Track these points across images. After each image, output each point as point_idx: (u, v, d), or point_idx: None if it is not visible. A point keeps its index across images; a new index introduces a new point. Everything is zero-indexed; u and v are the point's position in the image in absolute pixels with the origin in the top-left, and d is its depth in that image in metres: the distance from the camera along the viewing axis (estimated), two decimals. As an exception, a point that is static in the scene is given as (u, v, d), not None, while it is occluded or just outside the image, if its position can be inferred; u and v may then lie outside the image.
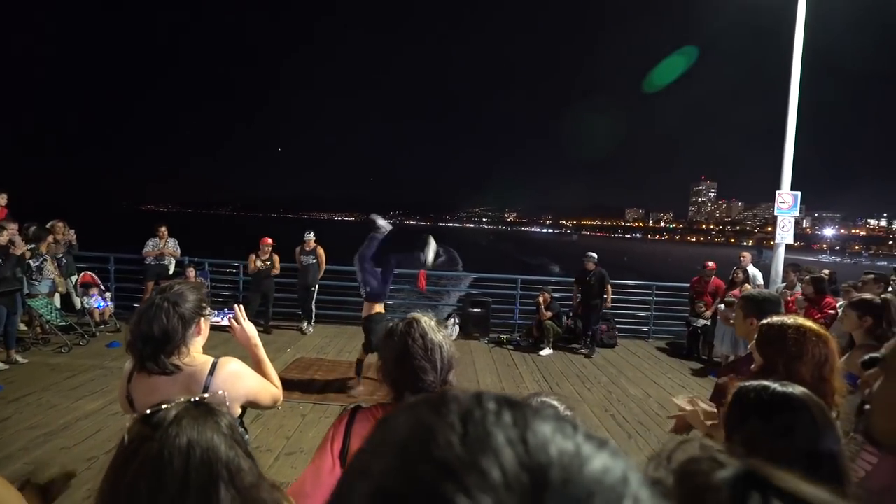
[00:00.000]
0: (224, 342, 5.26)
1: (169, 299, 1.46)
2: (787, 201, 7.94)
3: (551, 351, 7.05)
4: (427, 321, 1.29)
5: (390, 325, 1.33)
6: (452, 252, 5.19)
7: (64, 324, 6.17)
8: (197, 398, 0.89)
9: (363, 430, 1.21)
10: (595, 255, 7.30)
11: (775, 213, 8.02)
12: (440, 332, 1.29)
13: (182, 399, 0.87)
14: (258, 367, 1.72)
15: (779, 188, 8.10)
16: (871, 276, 5.32)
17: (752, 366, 1.62)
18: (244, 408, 1.58)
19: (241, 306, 1.78)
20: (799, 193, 7.95)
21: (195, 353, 1.52)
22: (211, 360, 1.52)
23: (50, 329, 6.08)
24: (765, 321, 1.59)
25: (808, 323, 1.52)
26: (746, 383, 1.17)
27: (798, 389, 0.99)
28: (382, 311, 4.94)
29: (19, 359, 5.39)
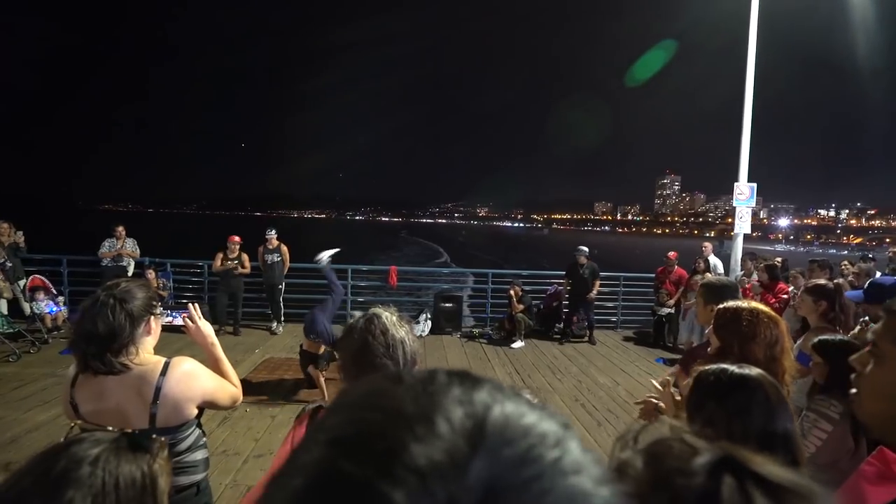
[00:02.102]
0: (189, 345, 5.10)
1: (115, 296, 1.38)
2: (744, 193, 8.26)
3: (523, 343, 7.12)
4: (388, 316, 1.25)
5: (350, 322, 1.28)
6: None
7: (11, 331, 5.82)
8: (122, 431, 0.85)
9: None
10: (586, 249, 7.46)
11: (734, 205, 8.35)
12: (402, 326, 1.25)
13: (104, 432, 0.83)
14: (216, 366, 1.65)
15: (737, 180, 8.44)
16: (816, 263, 5.63)
17: (710, 349, 1.67)
18: (201, 409, 1.52)
19: (197, 305, 1.71)
20: (755, 185, 8.28)
21: (146, 354, 1.45)
22: (163, 360, 1.44)
23: (-5, 337, 5.72)
24: (721, 306, 1.63)
25: (761, 306, 1.57)
26: (706, 367, 1.20)
27: (754, 371, 1.01)
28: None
29: (-38, 369, 5.06)
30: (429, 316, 7.65)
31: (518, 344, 7.06)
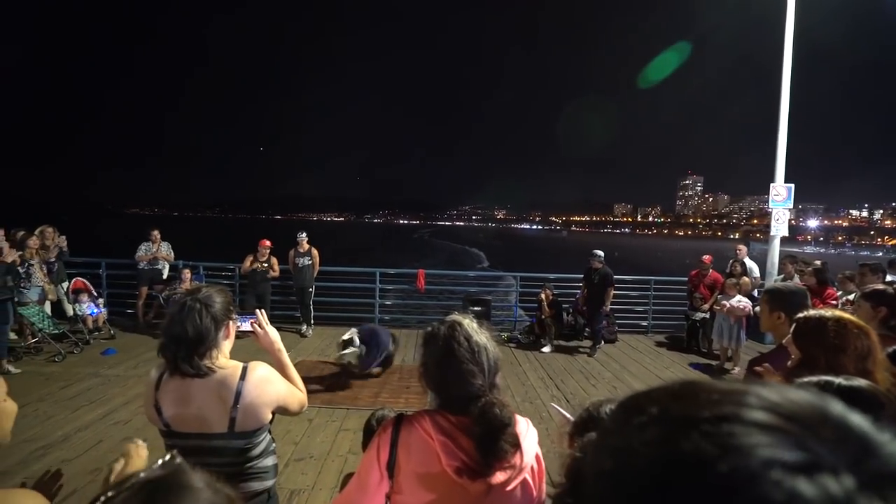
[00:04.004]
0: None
1: (200, 300, 1.42)
2: (781, 194, 8.03)
3: (553, 348, 7.04)
4: (469, 323, 1.25)
5: (430, 329, 1.28)
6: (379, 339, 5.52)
7: (57, 332, 6.02)
8: (161, 462, 0.64)
9: (411, 439, 1.15)
10: (601, 254, 7.08)
11: (770, 206, 8.12)
12: (483, 332, 1.25)
13: (149, 470, 0.62)
14: (282, 371, 1.66)
15: (772, 181, 8.21)
16: (868, 266, 5.36)
17: (790, 361, 1.60)
18: (273, 413, 1.53)
19: (263, 311, 1.73)
20: (792, 186, 8.04)
21: (224, 358, 1.47)
22: (241, 364, 1.47)
23: (42, 337, 5.92)
24: (801, 315, 1.57)
25: (847, 315, 1.50)
26: (805, 379, 1.15)
27: (863, 382, 0.97)
28: None
29: (11, 369, 5.24)
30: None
31: (548, 348, 6.99)
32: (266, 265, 7.22)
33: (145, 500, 0.58)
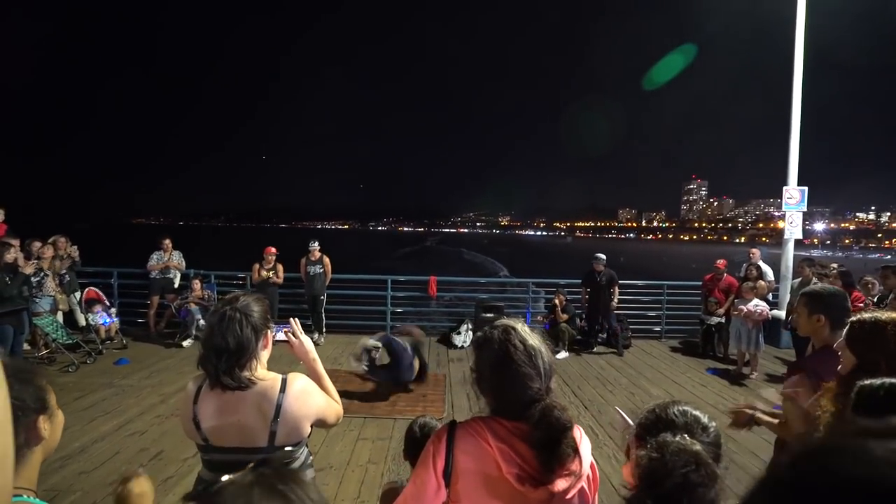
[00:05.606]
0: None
1: (240, 310, 1.38)
2: (794, 197, 7.97)
3: (567, 354, 6.97)
4: (522, 327, 1.23)
5: (482, 333, 1.25)
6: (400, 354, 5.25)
7: (70, 342, 6.01)
8: (260, 463, 0.66)
9: (468, 446, 1.12)
10: (604, 257, 7.41)
11: (783, 209, 8.04)
12: (535, 336, 1.22)
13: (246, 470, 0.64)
14: (317, 382, 1.63)
15: (778, 184, 8.17)
16: (890, 269, 5.28)
17: (840, 366, 1.55)
18: (312, 427, 1.49)
19: (297, 320, 1.70)
20: (806, 189, 7.97)
21: (262, 369, 1.44)
22: (280, 376, 1.43)
23: (56, 347, 5.92)
24: (855, 319, 1.52)
25: (904, 318, 1.45)
26: (867, 381, 1.13)
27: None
28: None
29: (26, 379, 5.22)
30: (470, 326, 7.57)
31: (562, 354, 6.91)
32: (273, 272, 7.23)
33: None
